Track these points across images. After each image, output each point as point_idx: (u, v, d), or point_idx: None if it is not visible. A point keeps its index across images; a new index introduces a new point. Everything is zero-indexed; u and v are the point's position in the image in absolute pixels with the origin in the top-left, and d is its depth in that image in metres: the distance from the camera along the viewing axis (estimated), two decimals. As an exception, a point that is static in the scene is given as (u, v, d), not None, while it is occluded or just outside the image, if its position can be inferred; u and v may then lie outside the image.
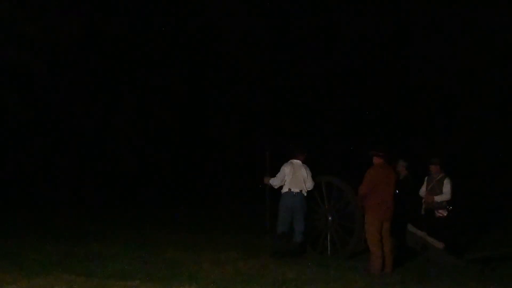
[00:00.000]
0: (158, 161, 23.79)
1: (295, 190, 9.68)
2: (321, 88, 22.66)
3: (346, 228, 9.65)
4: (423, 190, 9.97)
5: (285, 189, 9.77)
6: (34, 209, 15.81)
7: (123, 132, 23.59)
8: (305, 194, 9.76)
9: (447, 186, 9.70)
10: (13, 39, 15.89)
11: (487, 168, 19.89)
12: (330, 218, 9.81)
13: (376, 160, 8.72)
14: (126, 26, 22.19)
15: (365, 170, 8.71)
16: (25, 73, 16.63)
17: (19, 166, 21.63)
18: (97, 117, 23.12)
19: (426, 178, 10.02)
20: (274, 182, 9.82)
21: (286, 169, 9.75)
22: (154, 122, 23.92)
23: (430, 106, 21.53)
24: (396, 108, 22.16)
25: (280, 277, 7.88)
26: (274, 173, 9.97)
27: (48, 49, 16.64)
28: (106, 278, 7.54)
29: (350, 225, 9.59)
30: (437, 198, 9.68)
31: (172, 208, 17.12)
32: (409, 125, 21.90)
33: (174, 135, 23.89)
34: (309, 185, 9.76)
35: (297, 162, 9.80)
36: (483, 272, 8.42)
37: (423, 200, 9.95)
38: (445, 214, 9.66)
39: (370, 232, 8.52)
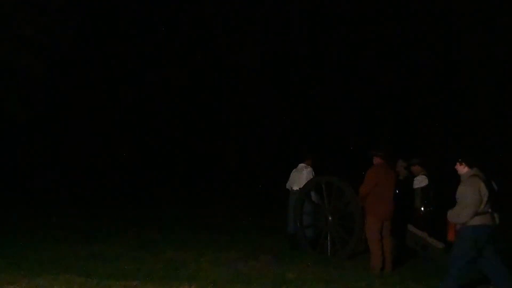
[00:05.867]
0: (158, 161, 23.81)
1: (295, 188, 10.62)
2: (321, 88, 22.69)
3: (346, 228, 9.65)
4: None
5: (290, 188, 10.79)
6: (34, 209, 15.80)
7: (123, 131, 23.61)
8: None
9: (417, 179, 9.82)
10: (12, 40, 15.89)
11: (487, 168, 19.85)
12: (330, 218, 9.83)
13: (376, 160, 8.74)
14: (125, 26, 22.22)
15: (365, 170, 8.72)
16: (24, 73, 16.64)
17: (18, 166, 21.65)
18: (97, 116, 23.14)
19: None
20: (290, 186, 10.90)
21: (291, 174, 10.82)
22: (155, 122, 23.94)
23: (430, 106, 21.53)
24: (396, 108, 22.19)
25: (280, 277, 7.88)
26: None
27: (47, 50, 16.66)
28: (106, 278, 7.54)
29: (350, 225, 9.59)
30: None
31: (172, 208, 17.11)
32: (409, 125, 21.91)
33: (175, 135, 23.91)
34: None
35: (301, 165, 10.72)
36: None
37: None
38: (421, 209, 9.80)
39: (370, 232, 8.53)
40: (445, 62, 20.88)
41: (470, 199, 6.54)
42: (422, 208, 9.78)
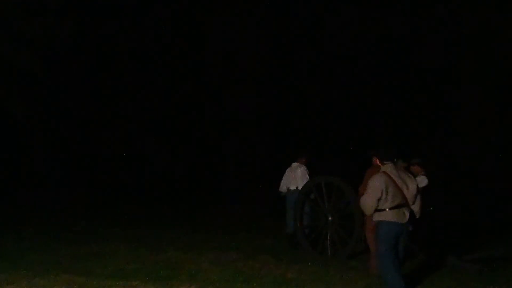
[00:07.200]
0: (159, 161, 23.80)
1: (292, 187, 10.79)
2: (321, 88, 22.67)
3: (346, 228, 9.65)
4: None
5: (286, 189, 10.91)
6: (34, 209, 15.80)
7: (123, 131, 23.61)
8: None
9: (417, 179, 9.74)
10: (12, 38, 15.90)
11: (487, 168, 19.89)
12: (330, 218, 9.83)
13: (376, 161, 8.71)
14: (125, 25, 22.22)
15: (365, 170, 8.71)
16: (24, 72, 16.67)
17: (18, 166, 21.65)
18: (97, 116, 23.14)
19: None
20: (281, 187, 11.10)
21: (286, 174, 10.95)
22: (154, 121, 23.94)
23: (430, 106, 21.53)
24: (396, 108, 22.18)
25: (280, 277, 7.89)
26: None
27: (47, 49, 16.69)
28: (106, 278, 7.55)
29: (350, 225, 9.59)
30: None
31: (172, 208, 17.12)
32: (409, 125, 21.91)
33: (174, 135, 23.91)
34: (300, 183, 10.65)
35: (294, 164, 10.86)
36: (483, 272, 8.41)
37: None
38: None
39: (370, 232, 8.51)
40: (445, 61, 20.88)
41: (369, 192, 7.02)
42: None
